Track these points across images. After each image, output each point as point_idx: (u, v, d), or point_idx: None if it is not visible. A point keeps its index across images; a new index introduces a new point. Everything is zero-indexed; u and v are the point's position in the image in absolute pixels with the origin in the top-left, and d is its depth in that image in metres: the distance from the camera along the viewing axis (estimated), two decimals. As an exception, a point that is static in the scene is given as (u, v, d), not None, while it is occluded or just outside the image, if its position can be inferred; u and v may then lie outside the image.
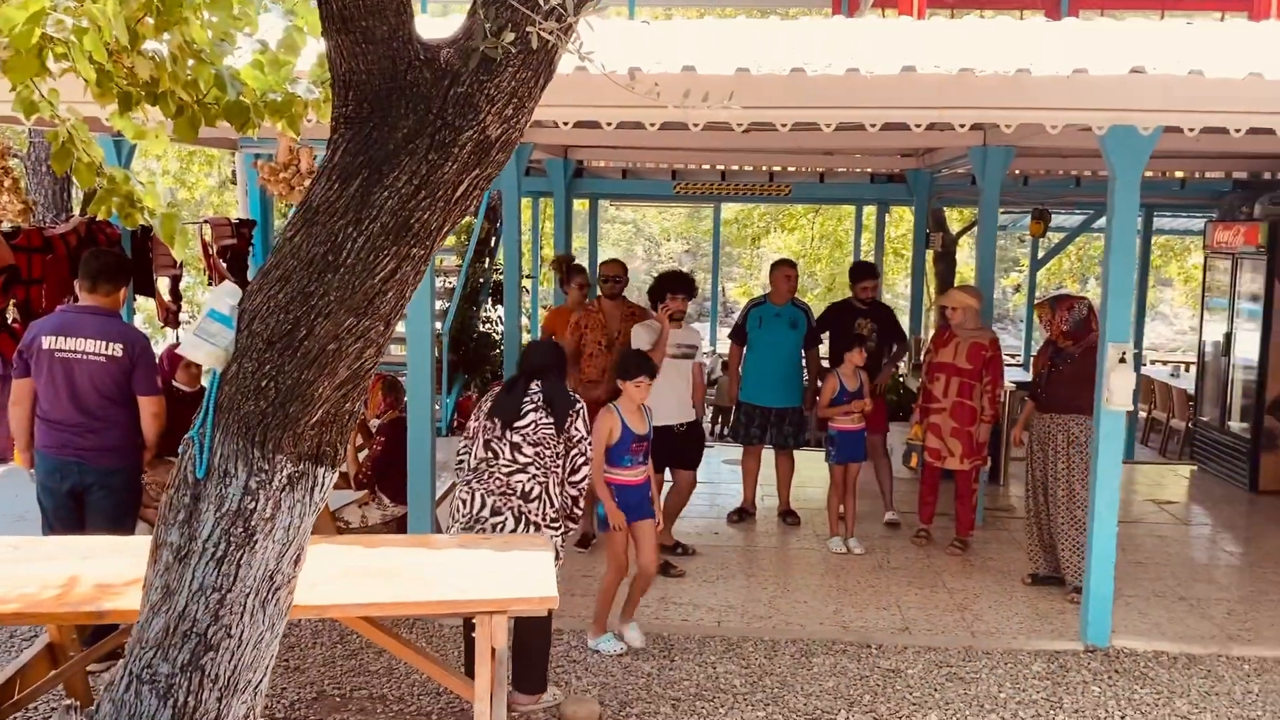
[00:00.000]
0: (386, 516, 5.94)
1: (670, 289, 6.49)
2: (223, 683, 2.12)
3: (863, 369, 6.87)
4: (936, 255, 13.19)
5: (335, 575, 3.70)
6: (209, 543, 2.13)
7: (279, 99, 3.27)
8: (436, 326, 10.00)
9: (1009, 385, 9.24)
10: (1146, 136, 4.96)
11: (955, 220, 15.23)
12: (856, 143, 8.24)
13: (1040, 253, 14.63)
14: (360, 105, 2.14)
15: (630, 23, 6.67)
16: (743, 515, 7.48)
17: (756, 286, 23.75)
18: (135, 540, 4.17)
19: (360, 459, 6.22)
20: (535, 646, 4.44)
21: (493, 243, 11.69)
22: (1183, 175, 10.27)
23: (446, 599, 3.52)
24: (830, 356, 7.44)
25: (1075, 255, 21.32)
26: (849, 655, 5.16)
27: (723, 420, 11.91)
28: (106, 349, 4.73)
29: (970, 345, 6.62)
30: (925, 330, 12.05)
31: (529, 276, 13.16)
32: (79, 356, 4.70)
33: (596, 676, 4.87)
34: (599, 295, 6.94)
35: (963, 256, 15.95)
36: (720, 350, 13.42)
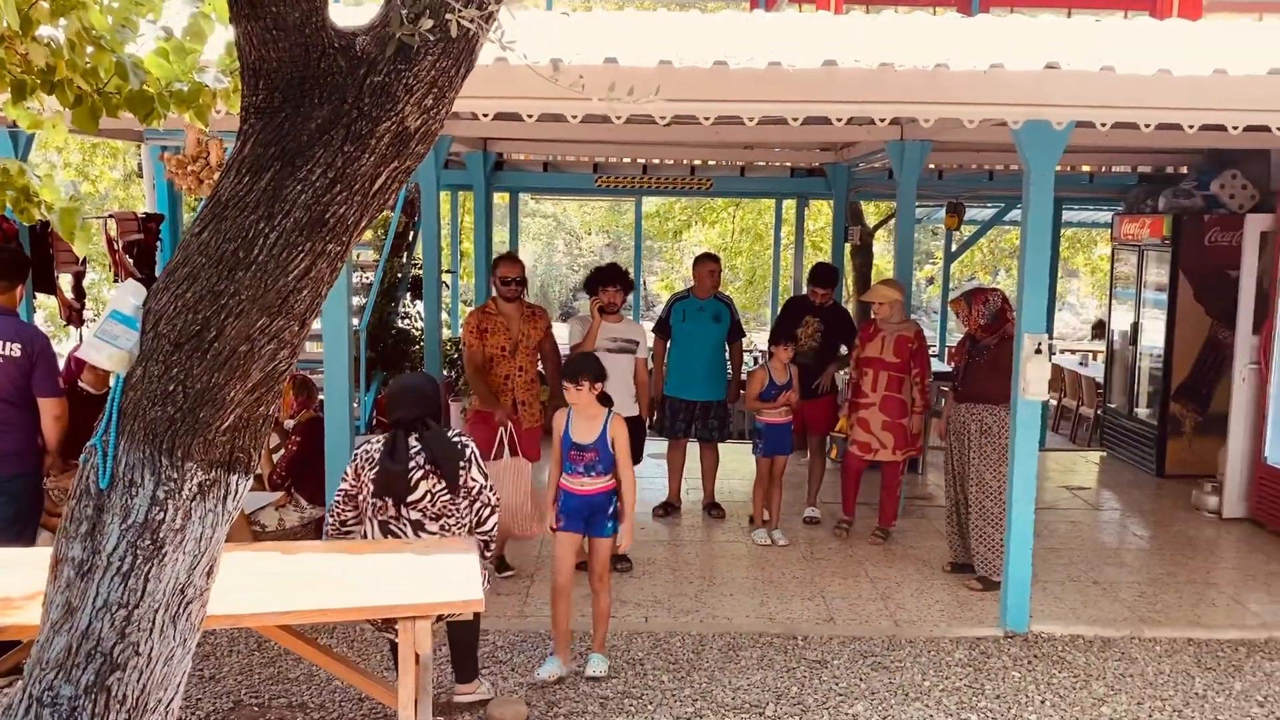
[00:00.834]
0: (305, 519, 5.79)
1: (604, 281, 6.47)
2: (131, 703, 2.01)
3: (794, 364, 6.86)
4: (854, 248, 13.36)
5: (251, 583, 3.58)
6: (114, 556, 2.02)
7: (185, 88, 3.14)
8: (354, 323, 9.79)
9: (926, 376, 9.41)
10: (1060, 131, 5.06)
11: (872, 214, 15.43)
12: (777, 137, 8.28)
13: (954, 246, 14.93)
14: (271, 95, 2.04)
15: (549, 14, 6.60)
16: (668, 509, 7.47)
17: (679, 280, 23.81)
18: (37, 552, 3.98)
19: (275, 460, 6.05)
20: (466, 638, 4.38)
21: (411, 237, 11.48)
22: (1091, 169, 10.56)
23: (367, 605, 3.42)
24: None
25: (987, 248, 21.80)
26: (775, 647, 5.18)
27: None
28: (4, 349, 4.52)
29: (896, 339, 6.65)
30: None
31: (449, 271, 12.98)
32: (-26, 357, 4.48)
33: (523, 677, 4.80)
34: (493, 297, 6.39)
35: (880, 249, 16.20)
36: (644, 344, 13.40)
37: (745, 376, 7.47)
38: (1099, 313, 19.76)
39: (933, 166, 10.31)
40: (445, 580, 3.60)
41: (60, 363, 5.39)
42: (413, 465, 4.12)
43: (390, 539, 4.11)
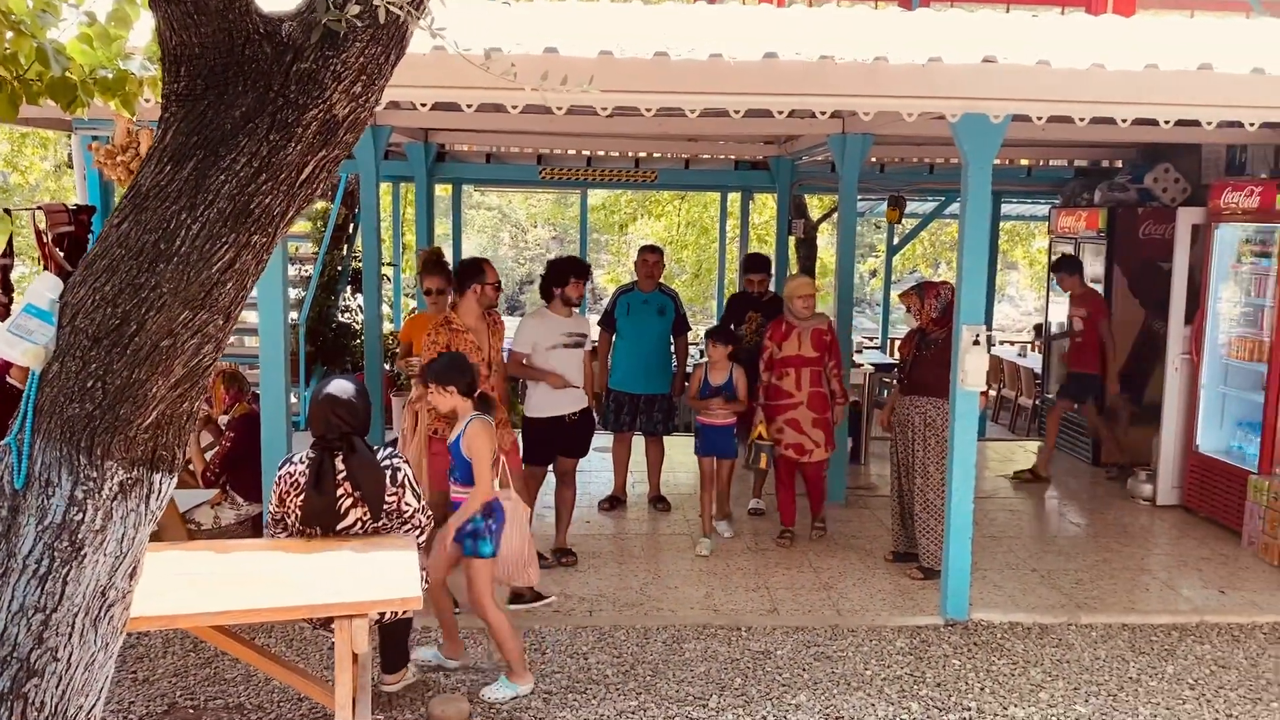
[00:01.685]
0: (241, 516, 5.68)
1: (576, 274, 6.35)
2: (50, 710, 1.94)
3: (737, 364, 6.63)
4: (798, 241, 13.44)
5: (184, 583, 3.50)
6: (30, 559, 1.94)
7: (110, 76, 3.04)
8: (293, 316, 9.65)
9: (867, 368, 9.49)
10: (997, 125, 5.12)
11: (816, 207, 15.55)
12: (721, 129, 8.29)
13: (896, 238, 15.08)
14: (193, 82, 1.98)
15: (493, 3, 6.52)
16: (614, 503, 7.45)
17: (625, 273, 23.78)
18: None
19: (208, 457, 5.91)
20: (397, 633, 4.33)
21: (351, 229, 11.34)
22: (1029, 163, 10.72)
23: (303, 604, 3.36)
24: None
25: (929, 241, 22.09)
26: (720, 639, 5.19)
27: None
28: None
29: (812, 332, 6.52)
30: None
31: (390, 264, 12.83)
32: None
33: (466, 674, 4.76)
34: (453, 302, 5.74)
35: (823, 242, 16.33)
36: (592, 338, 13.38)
37: (690, 369, 7.45)
38: (1038, 304, 20.09)
39: (874, 160, 10.41)
40: (383, 579, 3.54)
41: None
42: (341, 493, 3.95)
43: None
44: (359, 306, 11.35)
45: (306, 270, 10.80)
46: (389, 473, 4.01)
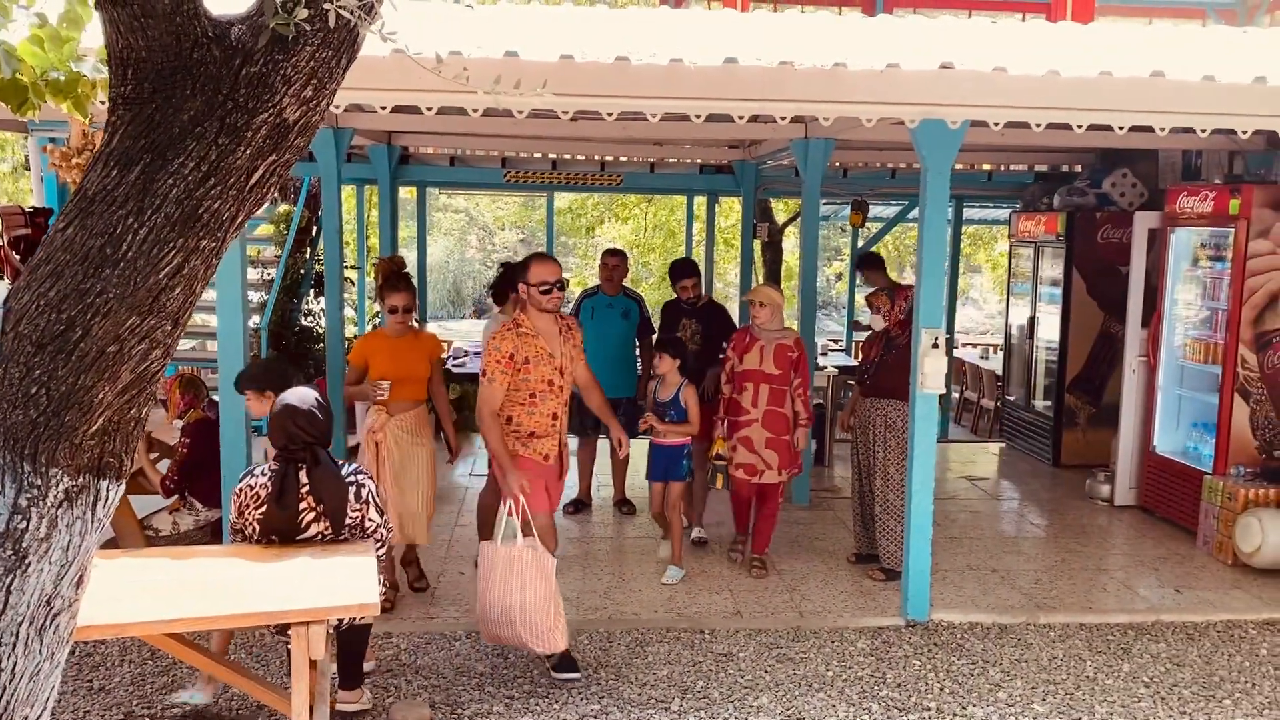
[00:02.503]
0: (200, 521, 5.61)
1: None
2: (-7, 721, 1.92)
3: (686, 378, 6.14)
4: (764, 245, 13.50)
5: (139, 590, 3.46)
6: (-28, 568, 1.92)
7: (62, 78, 3.01)
8: (255, 320, 9.56)
9: (831, 370, 9.54)
10: (955, 130, 5.17)
11: (781, 211, 15.62)
12: (685, 134, 8.30)
13: (860, 242, 15.18)
14: (140, 85, 1.96)
15: (454, 5, 6.50)
16: (579, 507, 7.45)
17: (591, 276, 23.76)
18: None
19: (164, 467, 5.81)
20: (355, 643, 4.28)
21: (314, 232, 11.25)
22: (989, 168, 10.83)
23: (259, 610, 3.33)
24: None
25: (892, 244, 22.25)
26: (683, 642, 5.19)
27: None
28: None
29: (776, 348, 6.07)
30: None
31: (354, 268, 12.74)
32: None
33: (428, 679, 4.73)
34: (520, 312, 4.99)
35: (789, 246, 16.40)
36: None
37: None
38: (1000, 307, 20.30)
39: (837, 164, 10.47)
40: (340, 584, 3.52)
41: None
42: (303, 507, 3.91)
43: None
44: (322, 310, 11.26)
45: (269, 273, 10.70)
46: (353, 489, 3.97)
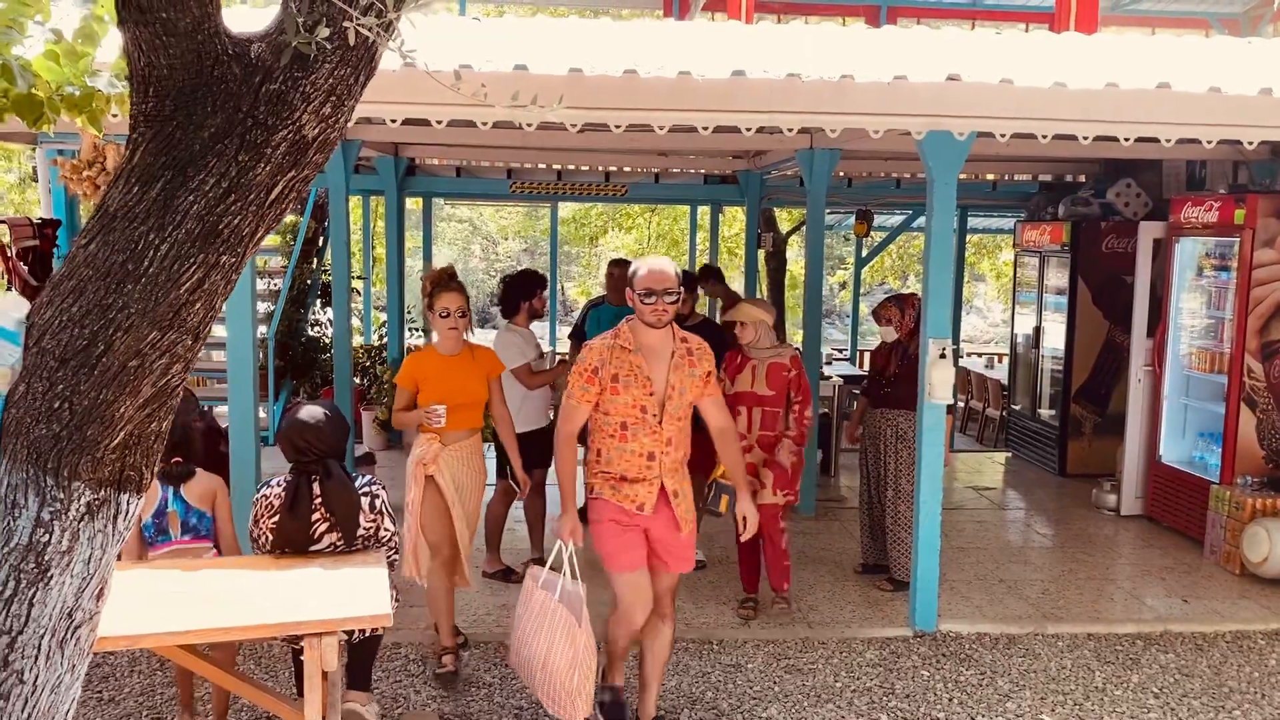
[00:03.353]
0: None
1: (542, 286, 6.41)
2: (15, 733, 1.93)
3: None
4: (768, 254, 13.52)
5: (150, 602, 3.47)
6: (-5, 581, 1.94)
7: (77, 93, 3.04)
8: (261, 330, 9.59)
9: (836, 380, 9.55)
10: (962, 141, 5.19)
11: (785, 220, 15.64)
12: (690, 144, 8.34)
13: (864, 251, 15.21)
14: (162, 102, 1.98)
15: (461, 19, 6.54)
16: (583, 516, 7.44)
17: (595, 286, 23.81)
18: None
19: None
20: (367, 651, 4.28)
21: (321, 242, 11.29)
22: (994, 177, 10.86)
23: (271, 622, 3.34)
24: None
25: (896, 253, 22.27)
26: (690, 653, 5.20)
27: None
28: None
29: (769, 367, 5.67)
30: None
31: (360, 278, 12.78)
32: None
33: (436, 690, 4.74)
34: (624, 322, 4.16)
35: (792, 255, 16.43)
36: (560, 350, 13.38)
37: None
38: (1004, 316, 20.30)
39: (842, 174, 10.50)
40: (353, 595, 3.53)
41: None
42: (316, 517, 3.92)
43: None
44: (328, 320, 11.29)
45: (275, 284, 10.74)
46: (367, 499, 3.98)
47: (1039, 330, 9.69)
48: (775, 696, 4.75)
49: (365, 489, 3.99)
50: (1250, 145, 5.30)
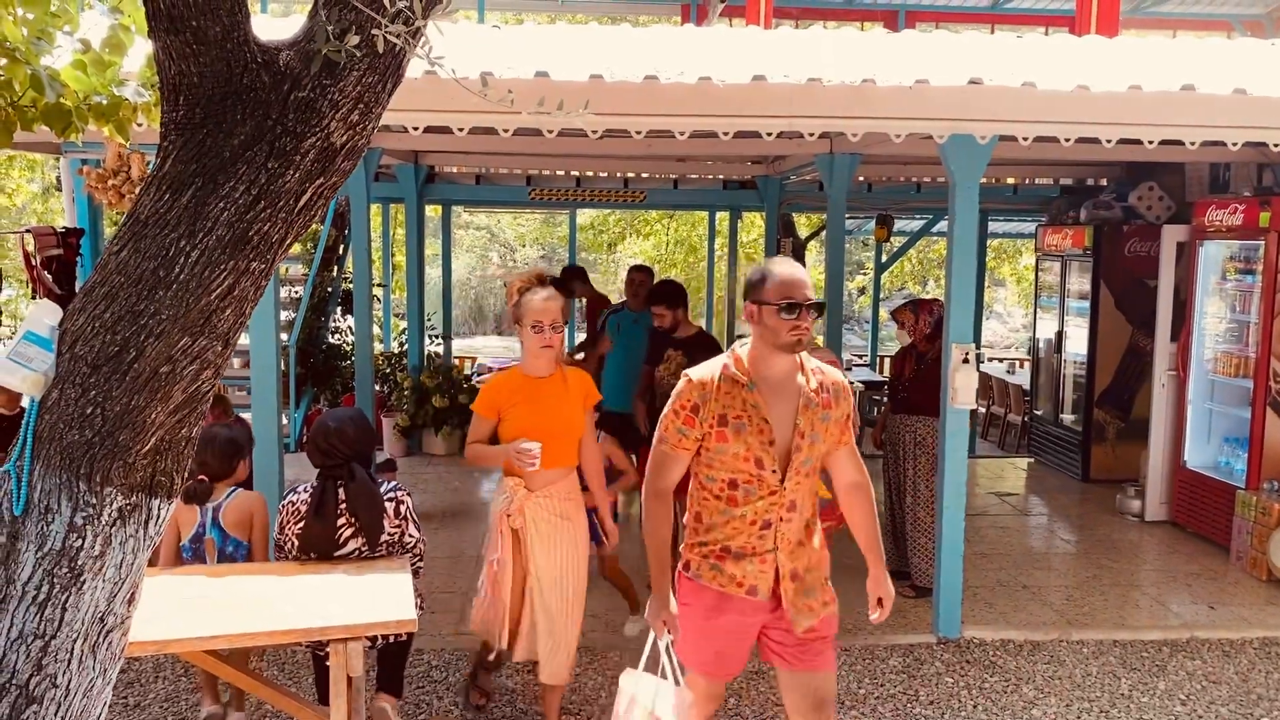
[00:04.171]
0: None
1: (578, 279, 6.44)
2: (48, 737, 1.94)
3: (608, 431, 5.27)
4: (787, 259, 13.49)
5: (176, 607, 3.49)
6: (29, 585, 1.95)
7: (104, 102, 3.07)
8: (283, 338, 9.64)
9: (857, 385, 9.53)
10: (984, 145, 5.17)
11: (804, 225, 15.63)
12: (709, 150, 8.34)
13: (884, 256, 15.16)
14: (192, 110, 1.99)
15: (480, 27, 6.57)
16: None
17: (613, 293, 23.82)
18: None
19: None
20: (397, 656, 4.28)
21: (341, 250, 11.36)
22: (1014, 181, 10.81)
23: (296, 627, 3.35)
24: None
25: (916, 259, 22.21)
26: (713, 659, 5.18)
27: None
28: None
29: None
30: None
31: (380, 285, 12.83)
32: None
33: (459, 695, 4.75)
34: (736, 347, 3.33)
35: (812, 260, 16.39)
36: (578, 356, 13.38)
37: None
38: (1025, 321, 20.20)
39: (862, 179, 10.48)
40: (377, 601, 3.54)
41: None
42: (341, 522, 3.92)
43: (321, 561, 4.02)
44: (349, 327, 11.35)
45: (297, 291, 10.80)
46: (392, 505, 3.98)
47: (1061, 335, 9.63)
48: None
49: (390, 494, 4.00)
50: (1275, 147, 5.26)
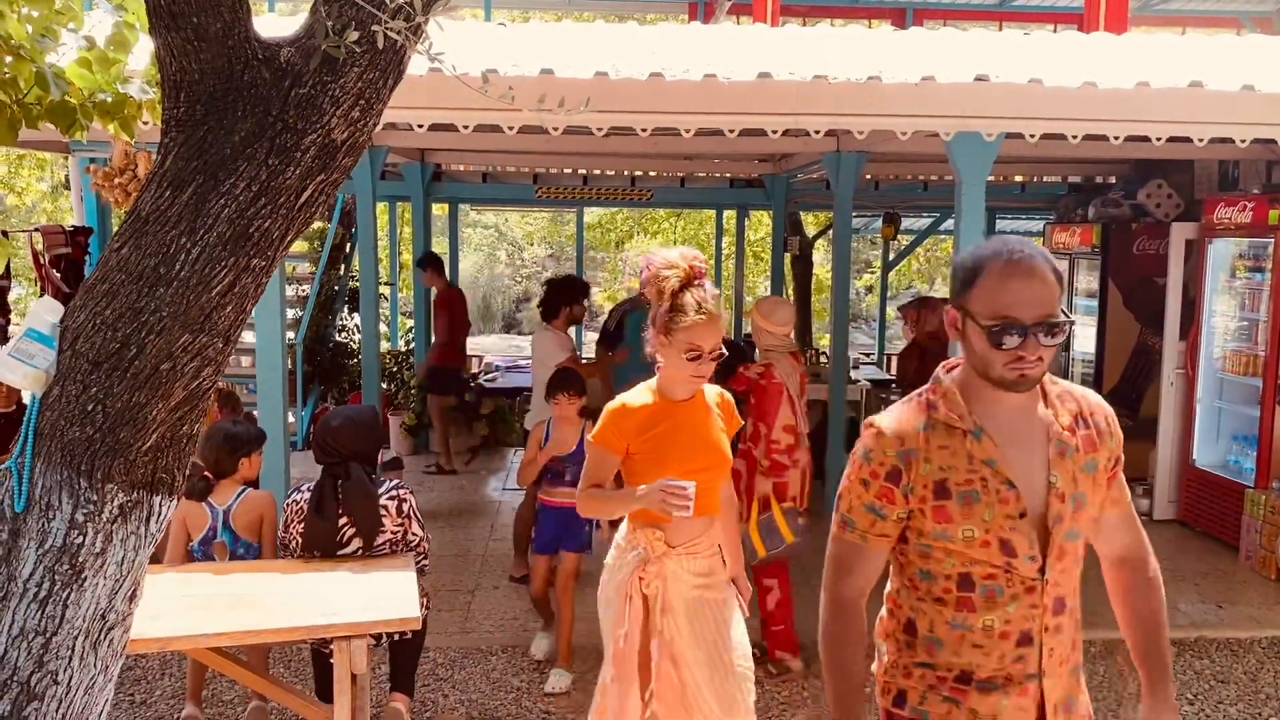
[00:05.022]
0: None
1: (586, 292, 6.51)
2: (49, 734, 1.95)
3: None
4: (794, 258, 13.48)
5: (182, 605, 3.49)
6: (30, 582, 1.95)
7: (109, 100, 3.07)
8: (290, 336, 9.65)
9: (864, 384, 9.50)
10: (991, 142, 5.15)
11: (811, 224, 15.61)
12: (715, 148, 8.33)
13: (891, 255, 15.13)
14: (193, 107, 1.99)
15: (487, 24, 6.57)
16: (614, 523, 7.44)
17: (621, 290, 23.83)
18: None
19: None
20: (408, 655, 4.28)
21: (348, 249, 11.38)
22: (1022, 179, 10.78)
23: (301, 625, 3.35)
24: None
25: (923, 257, 22.14)
26: (718, 658, 5.17)
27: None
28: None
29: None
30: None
31: (388, 284, 12.85)
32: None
33: (464, 693, 4.75)
34: (940, 377, 2.50)
35: (819, 259, 16.36)
36: (588, 356, 13.39)
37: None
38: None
39: (869, 177, 10.45)
40: (382, 599, 3.54)
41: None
42: (344, 521, 3.94)
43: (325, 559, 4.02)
44: (356, 326, 11.36)
45: (303, 290, 10.82)
46: (395, 503, 3.99)
47: (1069, 334, 9.58)
48: (804, 702, 4.72)
49: (393, 492, 4.00)
50: (1285, 144, 5.23)
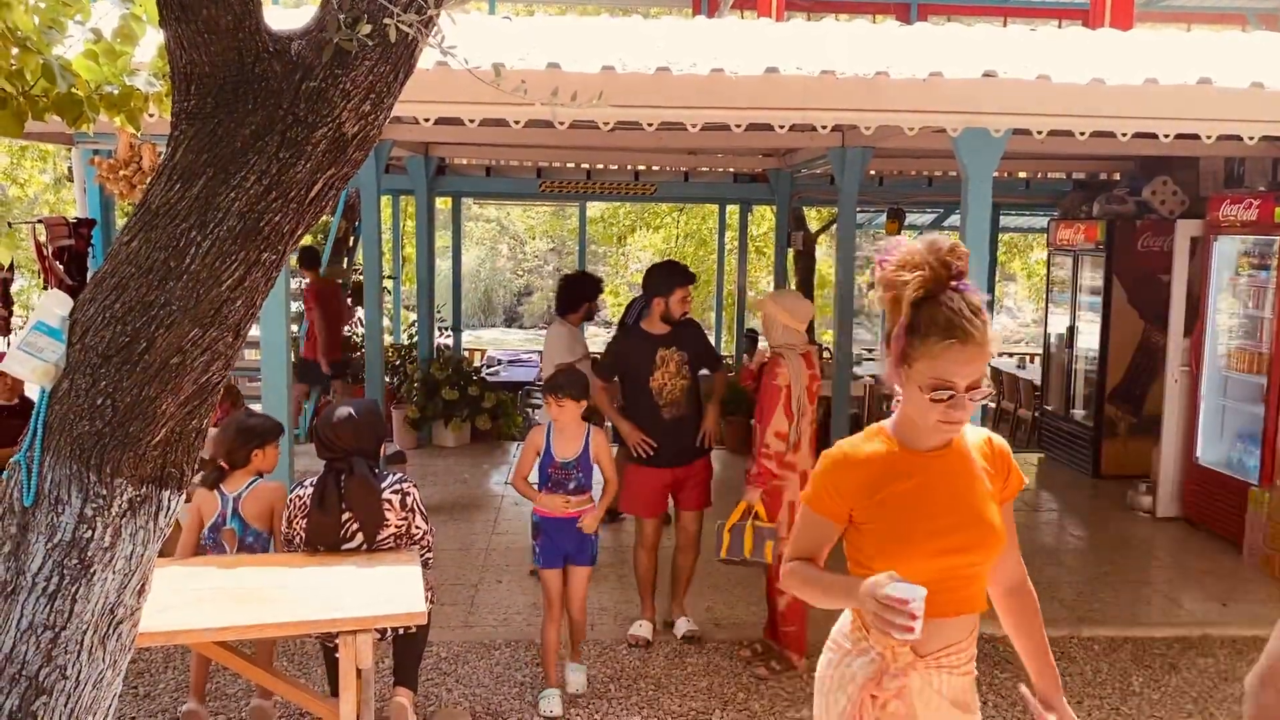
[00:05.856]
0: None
1: (600, 290, 6.45)
2: (58, 728, 1.94)
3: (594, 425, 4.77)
4: (797, 253, 13.46)
5: (188, 598, 3.49)
6: (39, 576, 1.94)
7: (116, 92, 3.06)
8: (293, 329, 9.65)
9: (867, 379, 9.50)
10: (997, 139, 5.14)
11: (815, 219, 15.58)
12: (720, 143, 8.31)
13: (896, 250, 15.09)
14: (203, 100, 1.98)
15: (491, 18, 6.56)
16: (613, 516, 7.43)
17: (623, 285, 23.81)
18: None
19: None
20: (411, 650, 4.28)
21: (351, 242, 11.36)
22: (1027, 175, 10.76)
23: (306, 619, 3.35)
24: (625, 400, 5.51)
25: (927, 252, 22.09)
26: (722, 653, 5.18)
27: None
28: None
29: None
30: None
31: (390, 277, 12.84)
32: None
33: (468, 688, 4.75)
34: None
35: (822, 254, 16.34)
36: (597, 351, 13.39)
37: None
38: (1036, 316, 20.13)
39: (873, 172, 10.44)
40: (387, 593, 3.54)
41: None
42: (347, 516, 3.94)
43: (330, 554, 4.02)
44: (359, 319, 11.35)
45: (308, 283, 10.80)
46: (398, 497, 3.99)
47: (1073, 330, 9.58)
48: (807, 698, 4.69)
49: (396, 486, 4.00)
50: (1293, 142, 5.21)
